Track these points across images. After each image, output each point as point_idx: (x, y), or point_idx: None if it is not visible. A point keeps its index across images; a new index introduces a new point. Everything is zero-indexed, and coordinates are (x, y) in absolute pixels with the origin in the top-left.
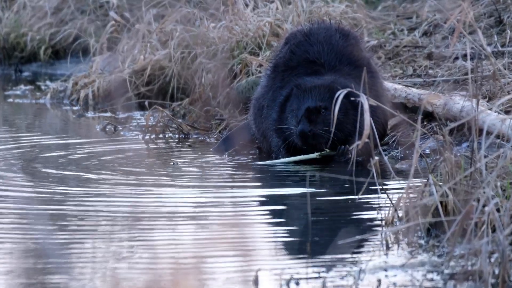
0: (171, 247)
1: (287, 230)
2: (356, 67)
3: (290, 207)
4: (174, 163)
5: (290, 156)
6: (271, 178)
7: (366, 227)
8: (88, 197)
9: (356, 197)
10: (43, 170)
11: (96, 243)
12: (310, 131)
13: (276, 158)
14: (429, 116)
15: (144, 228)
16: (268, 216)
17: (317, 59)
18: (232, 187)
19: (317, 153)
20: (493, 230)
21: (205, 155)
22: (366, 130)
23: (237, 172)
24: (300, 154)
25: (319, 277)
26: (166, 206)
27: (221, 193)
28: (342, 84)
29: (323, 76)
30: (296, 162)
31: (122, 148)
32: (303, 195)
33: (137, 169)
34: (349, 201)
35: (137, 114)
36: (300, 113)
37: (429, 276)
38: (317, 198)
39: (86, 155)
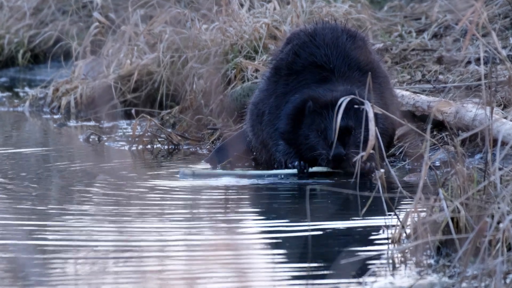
0: (162, 273)
1: (285, 248)
2: (366, 72)
3: (288, 223)
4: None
5: (299, 161)
6: (268, 191)
7: (371, 245)
8: (66, 232)
9: (360, 213)
10: (19, 187)
11: (78, 278)
12: (345, 155)
13: (280, 165)
14: (439, 125)
15: (131, 262)
16: (264, 233)
17: (325, 64)
18: (226, 203)
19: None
20: (509, 249)
21: (197, 168)
22: (371, 141)
23: (231, 186)
24: (310, 164)
25: None
26: (154, 237)
27: (215, 210)
28: (360, 96)
29: (334, 85)
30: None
31: (106, 161)
32: (302, 210)
33: (123, 190)
34: (353, 217)
35: (123, 123)
36: (331, 134)
37: None
38: (318, 214)
39: (68, 168)
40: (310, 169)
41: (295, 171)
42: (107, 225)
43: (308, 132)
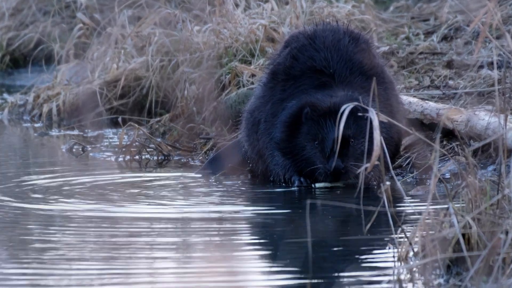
0: None
1: (284, 266)
2: (369, 77)
3: (288, 240)
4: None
5: (297, 175)
6: (266, 205)
7: (376, 263)
8: (45, 256)
9: (364, 229)
10: None
11: None
12: (344, 169)
13: (277, 179)
14: (449, 135)
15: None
16: (263, 251)
17: (324, 68)
18: (221, 214)
19: (342, 182)
20: None
21: (188, 180)
22: (376, 151)
23: (227, 197)
24: (309, 176)
25: None
26: (144, 266)
27: (209, 224)
28: (363, 103)
29: (334, 91)
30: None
31: (91, 173)
32: (302, 225)
33: (108, 205)
34: (356, 233)
35: (109, 132)
36: (328, 145)
37: None
38: (319, 230)
39: (49, 182)
40: (319, 185)
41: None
42: (88, 249)
43: (305, 143)
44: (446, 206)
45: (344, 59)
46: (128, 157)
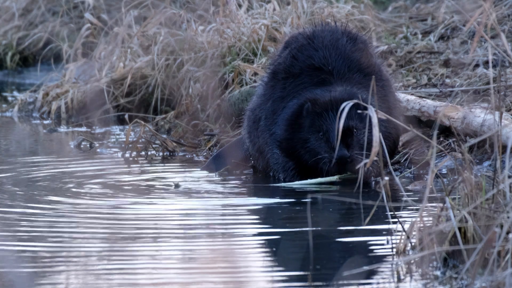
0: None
1: (285, 260)
2: (366, 74)
3: (289, 234)
4: (175, 185)
5: (299, 178)
6: (268, 200)
7: (375, 256)
8: (55, 251)
9: (363, 223)
10: (6, 196)
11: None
12: (350, 157)
13: (277, 177)
14: (446, 131)
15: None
16: (264, 244)
17: (323, 66)
18: (224, 209)
19: (337, 176)
20: None
21: (193, 175)
22: (375, 147)
23: (229, 193)
24: (309, 174)
25: None
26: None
27: (212, 219)
28: (361, 99)
29: (333, 87)
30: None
31: (98, 169)
32: (303, 220)
33: (115, 199)
34: (356, 228)
35: (116, 128)
36: (334, 135)
37: None
38: (320, 224)
39: (58, 176)
40: (313, 180)
41: (334, 178)
42: (98, 245)
43: (308, 135)
44: (442, 200)
45: (342, 57)
46: (134, 153)
